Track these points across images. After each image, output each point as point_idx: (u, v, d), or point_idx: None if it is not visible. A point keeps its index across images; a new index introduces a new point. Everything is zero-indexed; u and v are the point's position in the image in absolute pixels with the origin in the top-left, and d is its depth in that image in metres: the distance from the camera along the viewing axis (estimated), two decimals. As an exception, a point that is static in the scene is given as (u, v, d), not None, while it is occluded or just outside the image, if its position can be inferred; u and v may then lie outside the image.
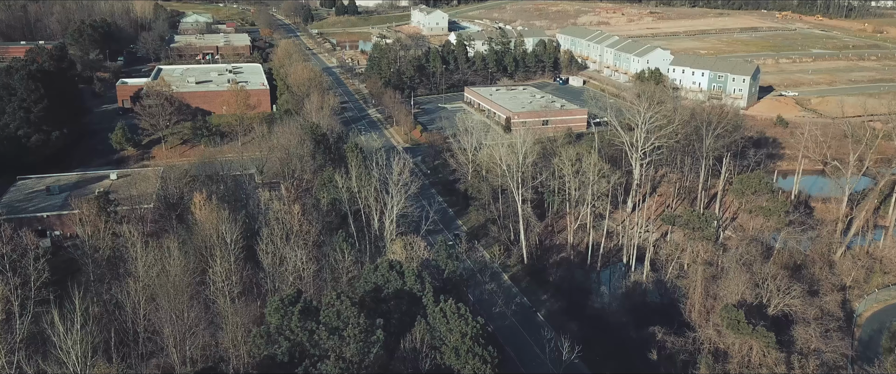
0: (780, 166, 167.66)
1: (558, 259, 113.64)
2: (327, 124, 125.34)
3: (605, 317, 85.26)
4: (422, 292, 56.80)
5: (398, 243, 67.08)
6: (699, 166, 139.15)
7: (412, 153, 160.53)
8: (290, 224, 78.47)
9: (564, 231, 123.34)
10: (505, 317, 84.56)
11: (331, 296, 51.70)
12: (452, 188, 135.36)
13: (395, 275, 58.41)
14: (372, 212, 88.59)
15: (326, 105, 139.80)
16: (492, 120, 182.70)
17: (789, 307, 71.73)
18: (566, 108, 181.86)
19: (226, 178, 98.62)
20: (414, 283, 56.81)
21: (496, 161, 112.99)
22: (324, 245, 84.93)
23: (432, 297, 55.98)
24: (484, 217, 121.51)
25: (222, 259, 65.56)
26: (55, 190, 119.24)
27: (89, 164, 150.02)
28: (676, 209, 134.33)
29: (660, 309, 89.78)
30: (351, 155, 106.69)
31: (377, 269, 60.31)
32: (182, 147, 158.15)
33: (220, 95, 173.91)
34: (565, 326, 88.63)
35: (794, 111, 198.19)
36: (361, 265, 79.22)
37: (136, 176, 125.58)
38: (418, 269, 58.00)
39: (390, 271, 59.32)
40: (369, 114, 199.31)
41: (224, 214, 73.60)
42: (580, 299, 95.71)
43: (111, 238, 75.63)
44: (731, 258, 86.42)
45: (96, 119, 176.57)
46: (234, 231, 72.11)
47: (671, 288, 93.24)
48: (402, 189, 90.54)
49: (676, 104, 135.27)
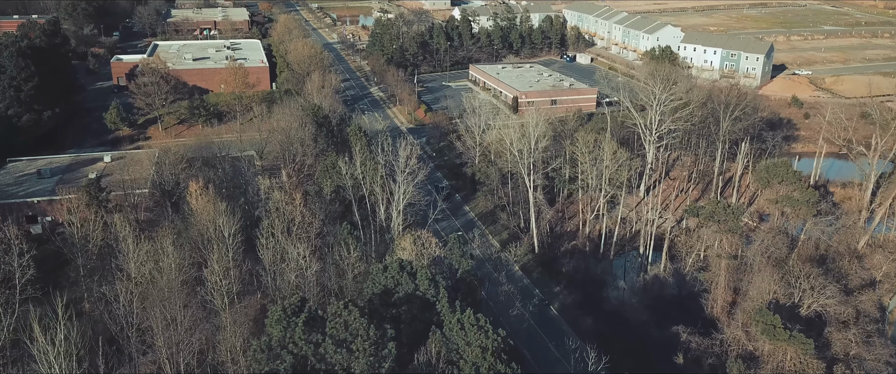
0: (796, 149, 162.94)
1: (570, 248, 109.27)
2: (329, 105, 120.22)
3: (624, 313, 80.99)
4: (436, 298, 52.42)
5: (407, 239, 62.65)
6: (714, 149, 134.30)
7: (416, 134, 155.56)
8: (291, 215, 73.89)
9: (576, 218, 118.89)
10: (522, 320, 79.61)
11: (337, 305, 47.31)
12: (459, 172, 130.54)
13: (406, 277, 53.97)
14: (378, 201, 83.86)
15: (328, 85, 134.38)
16: (498, 99, 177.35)
17: (823, 308, 67.49)
18: (575, 87, 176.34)
19: (223, 162, 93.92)
20: (427, 287, 52.39)
21: (506, 145, 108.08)
22: (327, 236, 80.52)
23: (447, 303, 51.54)
24: (492, 203, 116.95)
25: (220, 257, 61.00)
26: (46, 173, 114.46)
27: (83, 144, 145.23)
28: (690, 193, 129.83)
29: (679, 302, 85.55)
30: (354, 139, 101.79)
31: (386, 270, 55.87)
32: (179, 127, 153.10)
33: (218, 73, 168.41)
34: (581, 321, 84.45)
35: (808, 91, 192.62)
36: (367, 260, 74.79)
37: (130, 158, 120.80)
38: (432, 272, 53.50)
39: (401, 272, 54.88)
40: (371, 92, 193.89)
41: (222, 206, 68.93)
42: (595, 292, 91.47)
43: (102, 231, 70.97)
44: (756, 251, 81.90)
45: (90, 97, 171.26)
46: (233, 225, 67.53)
47: (690, 281, 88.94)
48: (409, 177, 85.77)
49: (692, 85, 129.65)
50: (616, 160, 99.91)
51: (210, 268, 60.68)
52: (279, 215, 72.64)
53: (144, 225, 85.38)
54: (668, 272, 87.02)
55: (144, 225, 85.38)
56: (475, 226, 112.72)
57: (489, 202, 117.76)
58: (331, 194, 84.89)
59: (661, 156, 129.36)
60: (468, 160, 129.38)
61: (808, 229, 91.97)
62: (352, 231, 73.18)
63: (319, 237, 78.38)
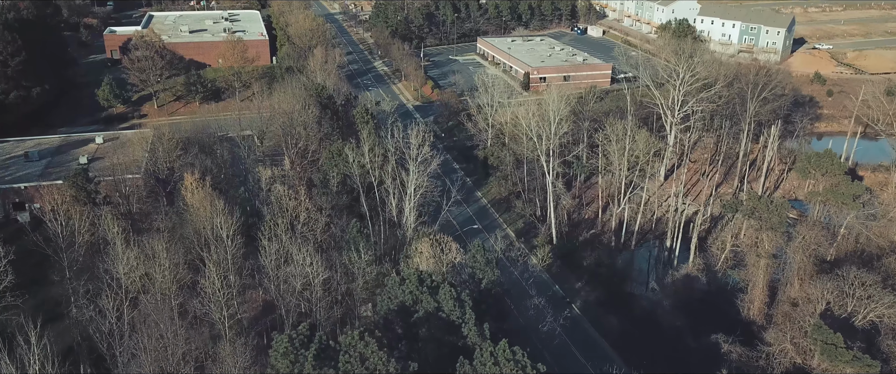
0: (819, 128, 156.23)
1: (588, 237, 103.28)
2: (333, 84, 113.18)
3: (656, 318, 75.09)
4: (461, 319, 46.36)
5: (425, 244, 56.49)
6: (737, 130, 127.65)
7: (423, 113, 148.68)
8: (296, 211, 67.67)
9: (593, 203, 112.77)
10: (553, 335, 72.22)
11: (352, 336, 41.30)
12: (470, 154, 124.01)
13: (426, 294, 47.81)
14: (389, 194, 77.41)
15: (332, 61, 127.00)
16: (508, 75, 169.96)
17: (880, 317, 61.71)
18: (589, 62, 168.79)
19: (221, 147, 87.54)
20: (452, 307, 46.27)
21: (523, 128, 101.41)
22: (333, 228, 74.42)
23: (475, 327, 45.49)
24: (506, 190, 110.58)
25: (218, 264, 54.82)
26: (35, 156, 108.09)
27: (74, 122, 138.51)
28: (712, 177, 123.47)
29: (710, 302, 79.65)
30: (361, 123, 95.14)
31: (404, 283, 49.79)
32: (175, 104, 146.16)
33: (216, 47, 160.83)
34: (607, 322, 78.67)
35: (829, 67, 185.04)
36: (378, 257, 68.56)
37: (123, 140, 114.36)
38: (457, 291, 47.26)
39: (420, 287, 48.79)
40: (375, 66, 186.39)
41: (220, 204, 62.58)
42: (619, 288, 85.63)
43: (89, 229, 64.70)
44: (796, 248, 75.78)
45: (83, 71, 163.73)
46: (232, 225, 61.26)
47: (722, 277, 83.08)
48: (421, 167, 79.25)
49: (719, 63, 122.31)
50: (646, 148, 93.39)
51: (208, 277, 54.58)
52: (282, 213, 66.46)
53: (137, 217, 79.33)
54: (697, 268, 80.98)
55: (137, 217, 79.33)
56: (488, 214, 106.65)
57: (503, 188, 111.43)
58: (337, 186, 78.47)
59: (683, 138, 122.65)
60: (480, 142, 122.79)
61: (850, 223, 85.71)
62: (361, 230, 66.92)
63: (326, 231, 72.23)
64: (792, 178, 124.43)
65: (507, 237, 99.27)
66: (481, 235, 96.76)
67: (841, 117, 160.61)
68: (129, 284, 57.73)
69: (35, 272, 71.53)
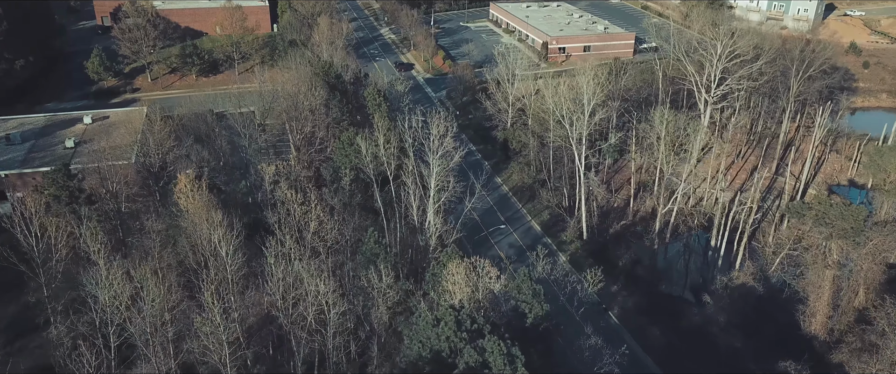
0: (855, 103, 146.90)
1: (619, 229, 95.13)
2: (341, 60, 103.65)
3: (711, 337, 66.99)
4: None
5: (459, 267, 48.09)
6: (775, 108, 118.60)
7: (435, 86, 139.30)
8: (305, 219, 59.26)
9: (623, 189, 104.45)
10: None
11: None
12: (487, 135, 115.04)
13: (467, 344, 39.34)
14: (407, 194, 68.76)
15: (339, 35, 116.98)
16: (524, 43, 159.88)
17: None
18: (610, 31, 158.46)
19: (220, 139, 78.83)
20: (502, 365, 37.80)
21: (550, 113, 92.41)
22: (345, 233, 66.17)
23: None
24: (529, 176, 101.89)
25: (215, 296, 46.56)
26: (17, 139, 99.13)
27: (63, 97, 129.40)
28: (747, 159, 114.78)
29: (765, 311, 71.64)
30: (373, 105, 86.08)
31: (438, 324, 41.67)
32: (170, 77, 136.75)
33: (213, 14, 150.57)
34: (649, 335, 70.79)
35: (863, 35, 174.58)
36: (397, 271, 60.17)
37: (114, 119, 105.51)
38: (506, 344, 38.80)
39: (459, 331, 40.65)
40: (382, 34, 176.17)
41: (218, 217, 54.06)
42: (661, 295, 77.77)
43: (68, 243, 56.30)
44: (864, 256, 67.53)
45: (72, 40, 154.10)
46: (233, 241, 52.88)
47: (776, 282, 75.10)
48: (443, 161, 70.50)
49: (760, 35, 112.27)
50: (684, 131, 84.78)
51: (206, 313, 46.36)
52: (288, 220, 58.09)
53: (126, 217, 70.98)
54: (752, 275, 72.87)
55: (126, 217, 70.98)
56: (510, 204, 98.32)
57: (525, 175, 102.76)
58: (350, 183, 69.91)
59: (718, 118, 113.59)
60: (499, 122, 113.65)
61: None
62: (379, 240, 58.54)
63: (339, 239, 63.86)
64: (832, 160, 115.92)
65: (533, 232, 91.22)
66: (509, 238, 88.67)
67: (878, 91, 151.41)
68: (114, 312, 49.62)
69: (13, 277, 63.26)
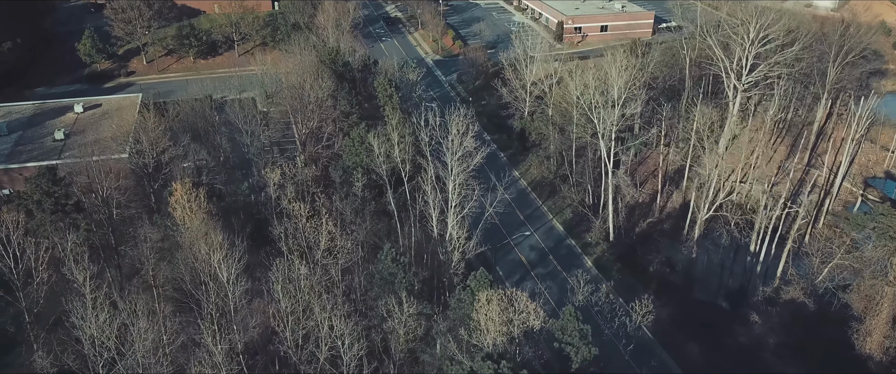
0: (886, 86, 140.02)
1: (645, 227, 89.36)
2: (348, 47, 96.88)
3: (761, 357, 61.24)
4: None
5: (493, 299, 42.19)
6: (806, 94, 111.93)
7: (445, 69, 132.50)
8: (315, 236, 53.31)
9: (647, 183, 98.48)
10: None
11: None
12: (503, 123, 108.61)
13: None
14: (427, 201, 62.64)
15: (344, 15, 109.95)
16: (538, 23, 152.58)
17: None
18: (628, 10, 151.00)
19: (220, 138, 72.66)
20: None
21: (571, 102, 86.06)
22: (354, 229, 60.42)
23: None
24: (549, 171, 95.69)
25: (216, 330, 40.82)
26: (3, 129, 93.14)
27: (54, 82, 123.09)
28: (776, 148, 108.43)
29: (815, 328, 65.85)
30: (384, 97, 79.61)
31: None
32: (166, 59, 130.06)
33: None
34: (688, 352, 65.27)
35: (890, 13, 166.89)
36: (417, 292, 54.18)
37: (107, 108, 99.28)
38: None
39: (498, 387, 35.03)
40: (387, 11, 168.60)
41: (217, 237, 48.08)
42: (698, 307, 72.12)
43: (50, 266, 50.38)
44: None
45: (63, 18, 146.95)
46: (234, 267, 46.97)
47: (825, 294, 69.33)
48: (463, 161, 64.37)
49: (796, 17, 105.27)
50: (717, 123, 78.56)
51: (204, 351, 40.66)
52: (296, 240, 52.19)
53: (117, 225, 65.12)
54: (800, 288, 67.06)
55: (117, 225, 65.12)
56: (530, 200, 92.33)
57: (545, 169, 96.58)
58: (362, 188, 63.87)
59: (749, 107, 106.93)
60: (515, 111, 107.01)
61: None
62: (396, 258, 52.66)
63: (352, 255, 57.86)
64: (866, 150, 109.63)
65: (556, 233, 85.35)
66: (530, 240, 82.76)
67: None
68: (101, 346, 43.97)
69: None
